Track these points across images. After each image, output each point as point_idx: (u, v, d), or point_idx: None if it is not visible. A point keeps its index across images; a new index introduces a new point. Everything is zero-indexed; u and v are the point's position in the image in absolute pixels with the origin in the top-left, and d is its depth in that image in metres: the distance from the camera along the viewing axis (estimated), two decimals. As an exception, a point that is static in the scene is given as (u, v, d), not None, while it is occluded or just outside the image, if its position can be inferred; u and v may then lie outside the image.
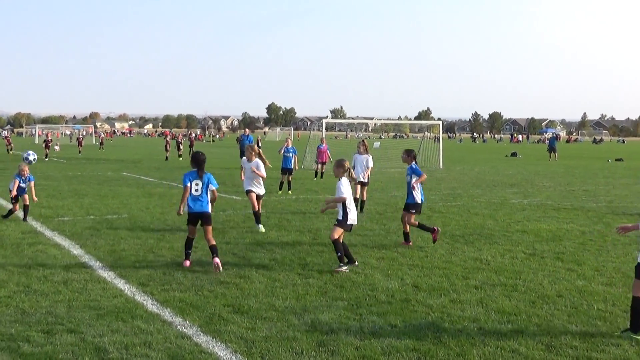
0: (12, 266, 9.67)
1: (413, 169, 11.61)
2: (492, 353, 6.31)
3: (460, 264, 10.45)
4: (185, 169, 32.58)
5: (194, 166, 9.93)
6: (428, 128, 62.92)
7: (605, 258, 11.12)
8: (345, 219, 9.75)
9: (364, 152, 16.82)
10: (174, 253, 10.88)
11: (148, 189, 22.59)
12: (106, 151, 57.60)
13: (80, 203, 17.92)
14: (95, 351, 6.15)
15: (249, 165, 13.60)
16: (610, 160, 51.63)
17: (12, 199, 14.44)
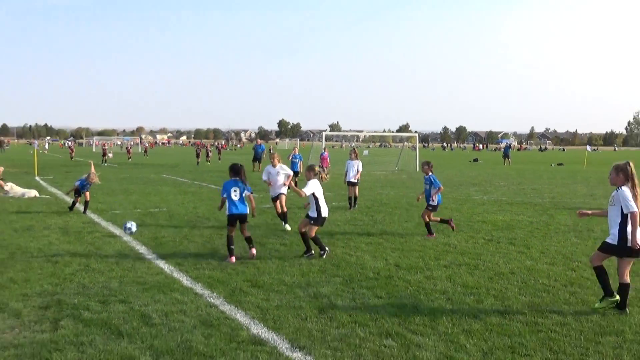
0: (75, 250, 9.71)
1: (432, 180, 11.75)
2: (458, 319, 6.33)
3: (433, 247, 10.47)
4: (211, 172, 32.70)
5: (232, 175, 9.37)
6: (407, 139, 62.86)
7: (549, 243, 11.14)
8: (319, 215, 9.38)
9: (354, 158, 16.94)
10: (204, 239, 10.91)
11: (183, 188, 22.59)
12: (150, 158, 57.58)
13: (128, 199, 17.95)
14: (142, 317, 6.18)
15: (275, 170, 12.87)
16: (553, 165, 51.59)
17: (75, 194, 14.54)
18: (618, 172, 6.71)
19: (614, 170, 6.79)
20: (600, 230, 12.67)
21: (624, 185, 6.60)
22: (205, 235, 11.37)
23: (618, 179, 6.69)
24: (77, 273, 8.07)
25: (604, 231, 12.52)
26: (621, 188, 6.57)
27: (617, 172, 6.73)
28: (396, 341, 5.62)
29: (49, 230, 11.66)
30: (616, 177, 6.72)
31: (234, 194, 9.18)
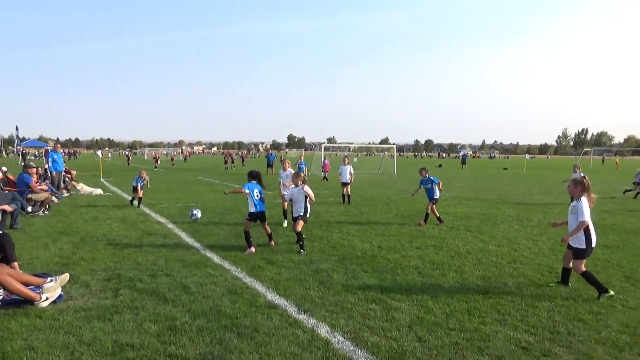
0: (131, 235, 9.69)
1: (432, 180, 11.84)
2: (427, 288, 6.32)
3: (408, 233, 10.45)
4: (235, 175, 32.69)
5: (251, 179, 8.76)
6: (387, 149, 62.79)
7: (497, 229, 11.12)
8: (306, 213, 8.67)
9: (347, 164, 16.93)
10: (230, 227, 10.89)
11: (214, 187, 22.55)
12: (188, 164, 57.47)
13: (172, 196, 17.92)
14: (182, 287, 6.17)
15: (285, 173, 12.01)
16: (500, 169, 51.58)
17: (133, 192, 14.66)
18: (576, 185, 6.30)
19: (572, 183, 6.38)
20: (536, 220, 12.66)
21: (582, 196, 6.18)
22: (231, 223, 11.35)
23: (576, 190, 6.27)
24: (133, 253, 8.06)
25: (539, 220, 12.55)
26: (580, 199, 6.14)
27: (575, 185, 6.32)
28: (379, 305, 5.61)
29: (111, 220, 11.64)
30: (574, 189, 6.31)
31: (257, 194, 8.58)
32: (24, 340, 4.53)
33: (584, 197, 6.17)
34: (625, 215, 13.80)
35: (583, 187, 6.24)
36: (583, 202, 6.11)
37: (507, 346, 4.55)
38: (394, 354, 4.36)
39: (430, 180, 11.96)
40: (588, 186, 6.25)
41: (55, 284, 5.58)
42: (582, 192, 6.22)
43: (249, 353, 4.31)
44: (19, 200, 11.02)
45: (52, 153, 17.65)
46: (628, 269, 7.48)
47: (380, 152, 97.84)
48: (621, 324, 5.14)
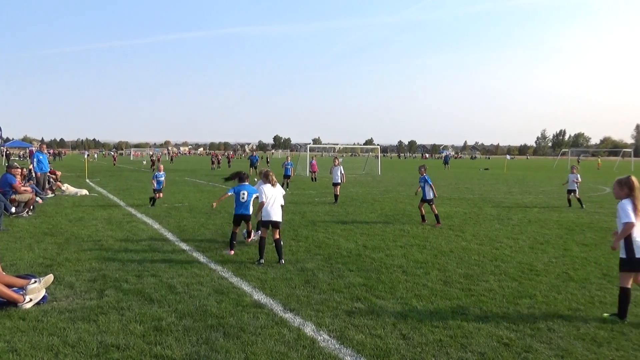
0: (117, 236, 9.56)
1: (426, 179, 11.92)
2: (411, 286, 6.34)
3: (392, 232, 10.48)
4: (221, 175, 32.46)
5: (240, 182, 8.59)
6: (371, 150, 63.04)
7: (479, 228, 11.21)
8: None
9: (338, 164, 17.14)
10: (216, 227, 10.81)
11: (200, 187, 22.38)
12: (174, 164, 56.99)
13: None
14: (168, 287, 6.10)
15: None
16: (481, 169, 52.09)
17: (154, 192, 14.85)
18: (622, 186, 5.49)
19: (617, 184, 5.55)
20: (516, 219, 12.81)
21: (628, 197, 5.38)
22: (218, 224, 11.27)
23: (622, 192, 5.46)
24: (118, 253, 7.94)
25: (520, 219, 12.69)
26: (622, 201, 5.40)
27: (620, 186, 5.51)
28: (364, 304, 5.61)
29: (96, 221, 11.47)
30: (620, 191, 5.50)
31: (242, 196, 8.36)
32: (6, 342, 4.42)
33: (628, 200, 5.36)
34: (602, 215, 14.04)
35: (630, 188, 5.40)
36: (625, 202, 5.35)
37: (489, 343, 4.58)
38: (378, 351, 4.35)
39: (424, 180, 12.00)
40: (635, 187, 5.37)
41: (39, 285, 5.46)
42: (629, 193, 5.39)
43: (235, 352, 4.27)
44: (2, 201, 10.78)
45: (37, 154, 17.32)
46: (605, 267, 7.60)
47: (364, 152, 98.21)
48: (599, 320, 5.21)
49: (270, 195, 7.61)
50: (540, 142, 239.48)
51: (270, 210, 7.55)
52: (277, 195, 7.74)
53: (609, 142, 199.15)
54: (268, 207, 7.54)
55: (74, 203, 15.02)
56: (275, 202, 7.65)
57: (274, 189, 7.75)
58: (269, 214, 7.53)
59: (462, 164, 79.73)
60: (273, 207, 7.59)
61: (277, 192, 7.80)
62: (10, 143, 67.65)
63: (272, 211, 7.56)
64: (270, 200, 7.57)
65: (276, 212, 7.60)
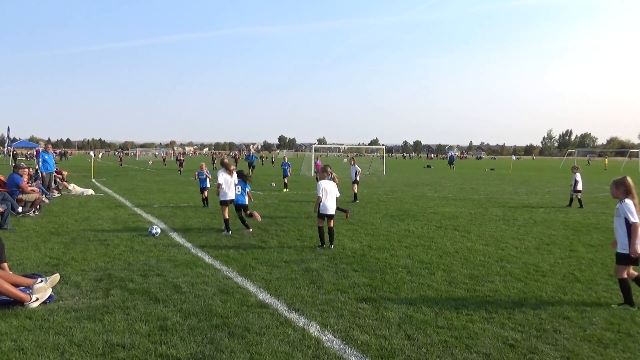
0: (122, 235, 9.59)
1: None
2: (416, 287, 6.32)
3: (396, 232, 10.46)
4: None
5: (239, 178, 10.46)
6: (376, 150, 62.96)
7: (484, 229, 11.17)
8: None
9: (354, 164, 17.74)
10: (221, 227, 10.82)
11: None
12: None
13: (164, 196, 17.80)
14: (174, 287, 6.12)
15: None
16: (487, 170, 51.91)
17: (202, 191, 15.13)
18: (618, 186, 5.72)
19: (613, 185, 5.78)
20: (522, 220, 12.76)
21: (627, 197, 5.61)
22: (222, 224, 11.27)
23: (619, 192, 5.69)
24: (124, 253, 7.98)
25: (526, 220, 12.64)
26: (624, 200, 5.58)
27: (616, 186, 5.74)
28: (369, 304, 5.60)
29: (102, 220, 11.53)
30: (616, 191, 5.72)
31: (237, 189, 10.29)
32: (13, 341, 4.45)
33: (629, 199, 5.58)
34: (608, 215, 13.95)
35: (625, 187, 5.64)
36: (627, 202, 5.54)
37: (494, 344, 4.56)
38: (383, 352, 4.34)
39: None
40: (631, 187, 5.63)
41: (46, 285, 5.50)
42: (625, 193, 5.64)
43: (240, 352, 4.28)
44: (10, 201, 10.87)
45: (43, 154, 17.44)
46: (612, 267, 7.53)
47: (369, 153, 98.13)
48: (606, 322, 5.18)
49: (329, 191, 8.59)
50: (547, 143, 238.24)
51: (327, 203, 8.51)
52: (332, 190, 8.64)
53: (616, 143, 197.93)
54: (325, 201, 8.47)
55: (80, 203, 15.10)
56: (330, 196, 8.58)
57: (330, 184, 8.69)
58: (325, 207, 8.48)
59: (468, 164, 79.46)
60: (328, 200, 8.55)
61: (332, 187, 8.70)
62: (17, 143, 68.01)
63: (328, 205, 8.53)
64: (328, 195, 8.54)
65: (332, 206, 8.59)
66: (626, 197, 5.63)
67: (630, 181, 5.69)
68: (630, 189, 5.63)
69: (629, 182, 5.66)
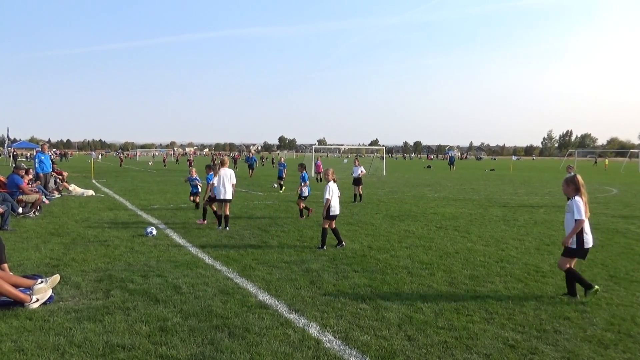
0: (122, 236, 9.60)
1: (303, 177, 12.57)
2: (416, 288, 6.32)
3: (397, 233, 10.46)
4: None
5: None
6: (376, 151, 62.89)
7: (484, 230, 11.17)
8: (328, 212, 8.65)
9: (358, 164, 17.78)
10: (222, 228, 10.82)
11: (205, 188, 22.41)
12: (180, 165, 57.13)
13: (164, 197, 17.80)
14: (174, 288, 6.12)
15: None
16: (487, 170, 51.90)
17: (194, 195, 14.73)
18: (568, 184, 6.02)
19: (564, 183, 6.09)
20: (522, 220, 12.75)
21: (577, 195, 5.90)
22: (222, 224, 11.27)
23: (569, 189, 6.00)
24: (124, 254, 7.98)
25: (525, 220, 12.63)
26: (575, 198, 5.88)
27: (567, 184, 6.04)
28: (369, 305, 5.60)
29: (102, 221, 11.53)
30: (567, 188, 6.04)
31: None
32: (13, 342, 4.45)
33: (578, 196, 5.91)
34: (608, 216, 13.95)
35: (575, 185, 5.97)
36: (577, 200, 5.86)
37: (495, 344, 4.56)
38: (384, 352, 4.34)
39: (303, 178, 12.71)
40: (580, 185, 5.95)
41: (46, 285, 5.50)
42: (575, 190, 5.95)
43: (240, 353, 4.28)
44: (10, 202, 10.87)
45: (39, 154, 17.34)
46: (612, 268, 7.55)
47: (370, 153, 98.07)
48: (606, 322, 5.18)
49: (336, 192, 8.76)
50: (547, 143, 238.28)
51: (335, 204, 8.68)
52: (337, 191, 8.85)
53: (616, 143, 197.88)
54: (333, 202, 8.63)
55: (80, 203, 15.10)
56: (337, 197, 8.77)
57: (335, 186, 8.82)
58: (335, 208, 8.65)
59: (468, 164, 79.45)
60: (336, 201, 8.74)
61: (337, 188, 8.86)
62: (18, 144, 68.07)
63: (337, 206, 8.72)
64: (334, 196, 8.69)
65: (339, 206, 8.79)
66: (576, 195, 5.93)
67: (581, 179, 6.01)
68: (580, 186, 5.93)
69: (579, 180, 5.98)
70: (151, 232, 9.69)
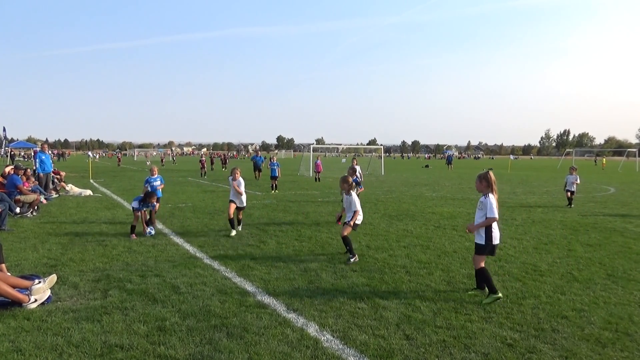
0: (120, 236, 9.58)
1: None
2: (415, 287, 6.33)
3: (395, 232, 10.46)
4: (225, 175, 32.44)
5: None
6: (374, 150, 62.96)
7: (482, 229, 11.17)
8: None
9: (356, 164, 17.46)
10: (220, 227, 10.81)
11: (203, 188, 22.41)
12: (177, 165, 57.09)
13: (162, 196, 17.75)
14: (172, 287, 6.11)
15: (232, 182, 10.15)
16: (485, 169, 51.85)
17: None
18: (481, 180, 5.92)
19: (477, 179, 5.98)
20: (520, 219, 12.77)
21: (490, 192, 5.83)
22: (221, 224, 11.27)
23: (482, 186, 5.91)
24: (122, 254, 7.97)
25: (524, 219, 12.65)
26: (488, 195, 5.80)
27: (480, 180, 5.94)
28: (367, 304, 5.60)
29: (100, 221, 11.51)
30: (480, 185, 5.94)
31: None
32: (11, 342, 4.44)
33: (492, 194, 5.83)
34: (606, 215, 13.98)
35: (488, 182, 5.86)
36: (490, 198, 5.78)
37: (493, 343, 4.57)
38: (382, 352, 4.35)
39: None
40: (492, 182, 5.86)
41: (44, 286, 5.49)
42: (487, 187, 5.86)
43: (239, 352, 4.28)
44: (7, 202, 10.85)
45: (40, 154, 17.37)
46: (609, 267, 7.57)
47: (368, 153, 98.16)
48: (604, 321, 5.19)
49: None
50: (545, 142, 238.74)
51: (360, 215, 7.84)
52: None
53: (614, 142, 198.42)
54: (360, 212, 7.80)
55: (78, 203, 15.07)
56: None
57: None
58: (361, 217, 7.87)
59: (466, 164, 79.50)
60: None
61: None
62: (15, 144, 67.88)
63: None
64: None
65: None
66: (490, 192, 5.85)
67: (493, 176, 5.93)
68: (492, 183, 5.87)
69: (491, 177, 5.89)
70: (150, 232, 9.70)
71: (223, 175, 34.21)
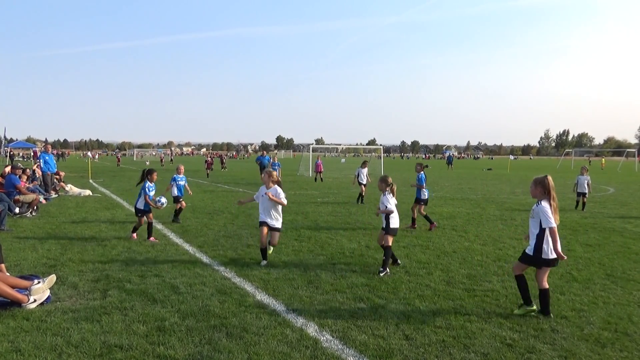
0: (120, 236, 9.59)
1: (419, 178, 11.36)
2: (414, 287, 6.33)
3: (394, 233, 10.45)
4: (224, 176, 32.42)
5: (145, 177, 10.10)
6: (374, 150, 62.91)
7: (482, 229, 11.19)
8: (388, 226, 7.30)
9: (363, 167, 17.64)
10: (219, 227, 10.82)
11: (203, 187, 22.40)
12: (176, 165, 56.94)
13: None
14: (171, 288, 6.11)
15: (264, 190, 7.93)
16: (484, 170, 51.96)
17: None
18: (537, 185, 5.40)
19: (533, 184, 5.46)
20: (520, 219, 12.78)
21: (544, 199, 5.30)
22: (220, 224, 11.28)
23: (537, 192, 5.39)
24: (122, 254, 7.96)
25: (523, 220, 12.65)
26: (541, 202, 5.28)
27: (535, 185, 5.42)
28: (367, 304, 5.60)
29: (100, 221, 11.51)
30: (535, 190, 5.42)
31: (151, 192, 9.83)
32: (10, 342, 4.43)
33: (546, 201, 5.30)
34: (605, 215, 13.99)
35: (544, 187, 5.35)
36: (544, 205, 5.26)
37: (492, 343, 4.57)
38: (381, 352, 4.35)
39: (418, 179, 11.57)
40: (550, 187, 5.33)
41: (43, 286, 5.48)
42: (543, 193, 5.35)
43: (238, 353, 4.27)
44: (6, 202, 10.84)
45: (44, 154, 17.45)
46: (609, 267, 7.57)
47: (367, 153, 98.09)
48: (603, 321, 5.19)
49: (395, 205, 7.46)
50: (544, 142, 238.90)
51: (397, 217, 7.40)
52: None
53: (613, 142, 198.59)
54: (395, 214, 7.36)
55: (77, 203, 15.06)
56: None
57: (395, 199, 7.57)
58: (397, 221, 7.36)
59: (465, 164, 79.52)
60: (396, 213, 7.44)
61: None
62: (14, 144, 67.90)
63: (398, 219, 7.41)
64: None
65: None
66: (543, 199, 5.32)
67: (551, 181, 5.37)
68: (550, 189, 5.32)
69: (549, 182, 5.34)
70: (160, 200, 9.50)
71: (223, 175, 34.21)
